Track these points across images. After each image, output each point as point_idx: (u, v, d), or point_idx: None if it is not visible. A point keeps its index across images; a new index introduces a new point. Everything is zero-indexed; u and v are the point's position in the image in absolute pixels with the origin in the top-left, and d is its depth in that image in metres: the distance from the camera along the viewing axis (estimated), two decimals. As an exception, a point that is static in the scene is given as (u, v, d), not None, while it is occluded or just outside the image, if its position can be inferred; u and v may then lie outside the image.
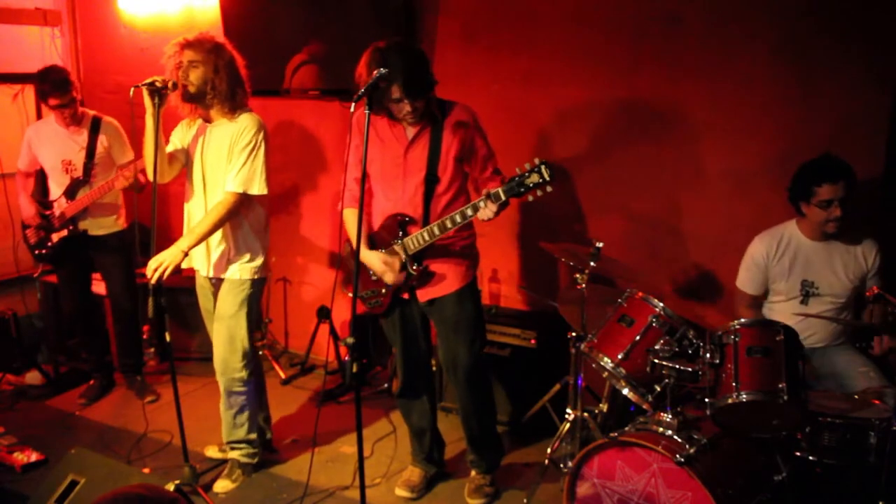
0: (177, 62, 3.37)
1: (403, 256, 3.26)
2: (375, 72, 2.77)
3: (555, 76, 4.17)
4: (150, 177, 3.37)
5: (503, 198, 2.96)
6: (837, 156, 3.24)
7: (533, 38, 4.18)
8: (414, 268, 3.27)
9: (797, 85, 3.63)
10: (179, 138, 3.61)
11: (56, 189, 4.38)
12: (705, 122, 3.86)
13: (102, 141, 4.38)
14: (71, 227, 4.34)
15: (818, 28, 3.54)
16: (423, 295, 3.37)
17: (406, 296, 3.41)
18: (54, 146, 4.35)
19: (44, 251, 4.41)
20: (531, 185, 2.90)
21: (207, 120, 3.52)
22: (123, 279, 4.56)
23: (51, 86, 4.20)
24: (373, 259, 3.30)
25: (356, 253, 2.94)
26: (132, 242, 4.54)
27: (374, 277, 3.39)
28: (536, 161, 2.89)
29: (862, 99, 3.51)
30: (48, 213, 4.36)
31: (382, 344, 4.89)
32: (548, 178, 2.88)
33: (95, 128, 4.38)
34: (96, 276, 4.68)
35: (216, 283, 3.66)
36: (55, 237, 4.36)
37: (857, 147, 3.29)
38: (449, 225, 3.12)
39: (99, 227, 4.42)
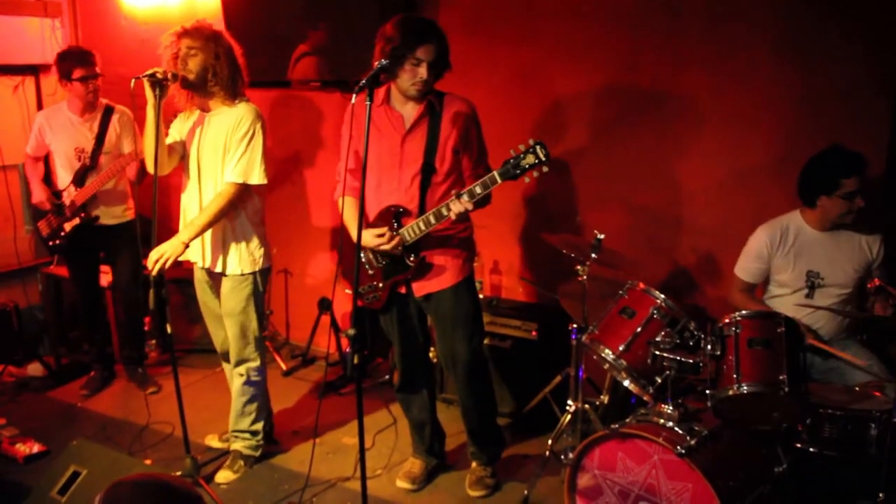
0: (174, 51, 3.36)
1: (400, 249, 3.24)
2: (376, 63, 2.76)
3: (555, 69, 4.16)
4: (150, 169, 3.36)
5: (499, 180, 2.94)
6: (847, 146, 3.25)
7: (534, 30, 4.17)
8: (411, 259, 3.26)
9: (798, 81, 3.62)
10: (178, 130, 3.60)
11: (65, 176, 4.36)
12: (706, 115, 3.85)
13: (115, 128, 4.39)
14: (83, 215, 4.31)
15: (819, 25, 3.54)
16: (420, 289, 3.35)
17: (403, 290, 3.40)
18: (68, 134, 4.34)
19: (58, 241, 4.37)
20: (527, 166, 2.89)
21: (205, 109, 3.52)
22: (132, 270, 4.54)
23: (76, 59, 4.23)
24: (365, 237, 3.23)
25: (357, 244, 2.93)
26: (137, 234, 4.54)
27: (370, 272, 3.38)
28: (531, 142, 2.88)
29: (863, 95, 3.51)
30: (59, 202, 4.34)
31: (383, 335, 4.88)
32: (543, 159, 2.87)
33: (107, 115, 4.38)
34: (103, 268, 4.68)
35: (214, 276, 3.66)
36: (67, 226, 4.33)
37: (859, 143, 3.28)
38: (445, 213, 3.07)
39: (111, 216, 4.42)
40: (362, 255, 3.34)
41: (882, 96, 3.49)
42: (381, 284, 3.37)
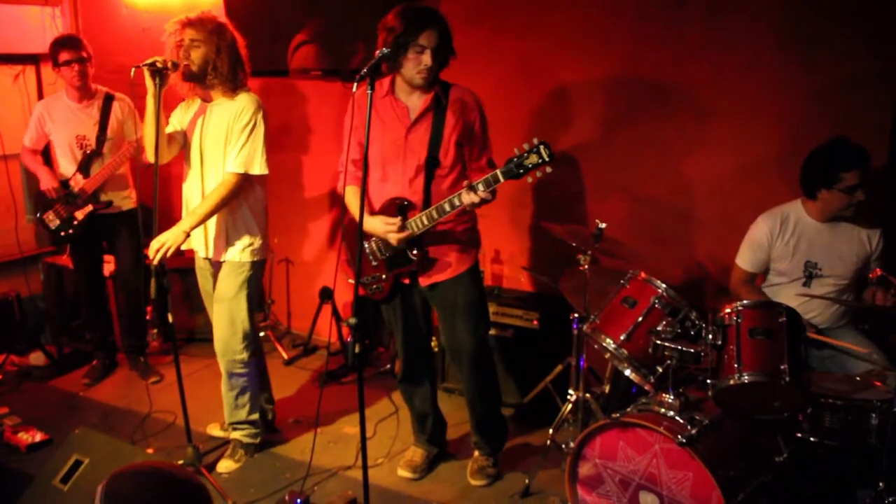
0: (178, 41, 3.35)
1: (404, 242, 3.23)
2: (378, 52, 2.75)
3: (558, 59, 4.15)
4: (151, 158, 3.36)
5: (501, 179, 2.93)
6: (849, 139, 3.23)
7: (536, 20, 4.16)
8: (414, 253, 3.25)
9: (801, 73, 3.62)
10: (178, 119, 3.60)
11: (68, 165, 4.35)
12: (709, 106, 3.84)
13: (116, 114, 4.39)
14: (96, 203, 4.31)
15: (823, 15, 3.53)
16: (425, 279, 3.35)
17: (407, 281, 3.39)
18: (69, 122, 4.34)
19: (70, 231, 4.34)
20: (530, 165, 2.87)
21: (206, 100, 3.51)
22: (133, 258, 4.55)
23: (62, 43, 4.24)
24: (375, 223, 3.22)
25: (359, 234, 2.92)
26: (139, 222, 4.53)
27: (374, 263, 3.37)
28: (535, 141, 2.86)
29: (866, 88, 3.50)
30: (68, 191, 4.31)
31: (384, 325, 4.89)
32: (547, 159, 2.85)
33: (108, 102, 4.38)
34: (106, 257, 4.68)
35: (215, 265, 3.66)
36: (80, 214, 4.31)
37: (861, 135, 3.27)
38: (448, 208, 3.06)
39: (115, 203, 4.43)
40: (366, 245, 3.34)
41: (884, 89, 3.47)
42: (384, 276, 3.36)
